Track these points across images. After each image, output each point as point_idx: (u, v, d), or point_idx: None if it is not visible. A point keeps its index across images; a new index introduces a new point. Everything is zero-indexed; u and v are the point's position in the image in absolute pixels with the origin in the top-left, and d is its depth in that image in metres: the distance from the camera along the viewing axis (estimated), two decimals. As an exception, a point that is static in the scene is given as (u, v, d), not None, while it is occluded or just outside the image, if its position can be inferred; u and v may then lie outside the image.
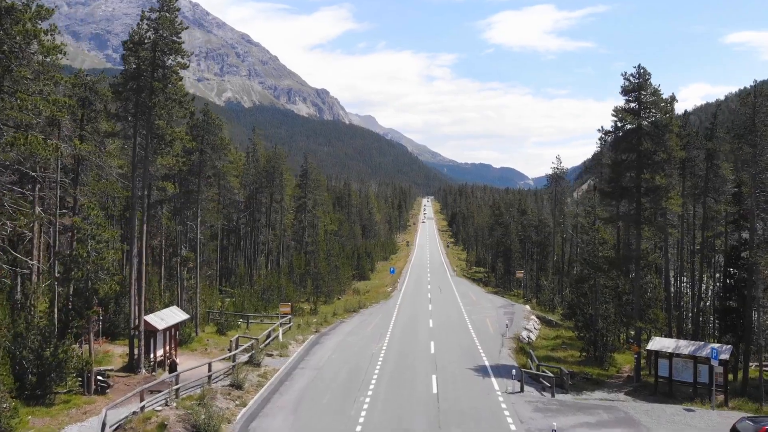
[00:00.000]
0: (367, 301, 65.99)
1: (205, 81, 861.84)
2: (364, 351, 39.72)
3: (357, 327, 49.98)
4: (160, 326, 32.36)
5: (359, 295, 74.46)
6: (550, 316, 64.71)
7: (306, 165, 78.41)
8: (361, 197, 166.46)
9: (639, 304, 37.83)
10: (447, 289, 79.21)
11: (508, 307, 63.76)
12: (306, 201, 79.30)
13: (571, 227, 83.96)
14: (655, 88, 37.94)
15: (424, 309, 59.85)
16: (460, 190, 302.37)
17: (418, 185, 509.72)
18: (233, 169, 68.93)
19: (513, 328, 49.72)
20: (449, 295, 72.35)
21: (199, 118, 41.19)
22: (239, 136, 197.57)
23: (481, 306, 63.49)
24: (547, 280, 75.95)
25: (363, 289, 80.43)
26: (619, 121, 38.12)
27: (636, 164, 37.22)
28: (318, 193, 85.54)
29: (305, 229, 79.80)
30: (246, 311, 51.13)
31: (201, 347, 39.57)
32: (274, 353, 38.94)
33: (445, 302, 65.04)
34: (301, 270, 70.30)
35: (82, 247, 26.31)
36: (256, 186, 72.09)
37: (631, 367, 42.80)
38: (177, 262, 41.05)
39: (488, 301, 69.28)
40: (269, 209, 71.04)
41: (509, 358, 39.31)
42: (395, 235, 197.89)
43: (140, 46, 30.97)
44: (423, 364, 36.15)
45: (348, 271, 80.00)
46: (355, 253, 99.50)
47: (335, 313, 56.12)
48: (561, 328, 57.99)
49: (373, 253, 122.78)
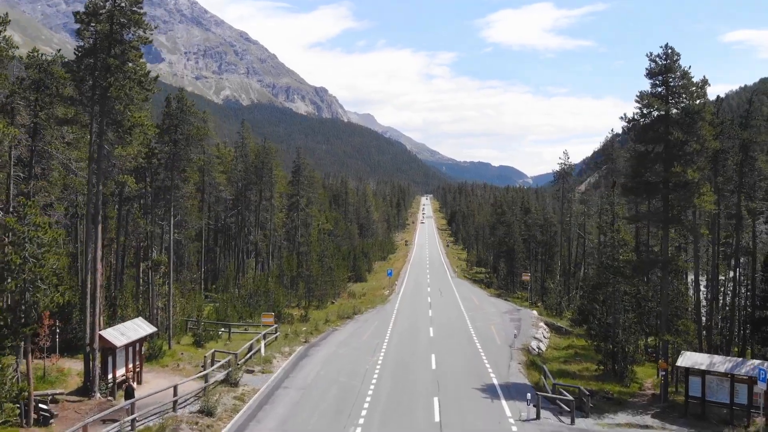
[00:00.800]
0: (363, 306, 61.66)
1: (203, 79, 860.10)
2: (357, 366, 35.45)
3: (351, 336, 45.68)
4: (119, 342, 28.03)
5: (355, 299, 70.15)
6: (559, 322, 60.45)
7: (298, 161, 74.09)
8: (359, 195, 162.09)
9: (666, 314, 33.55)
10: (448, 291, 74.93)
11: (514, 312, 59.45)
12: (299, 199, 74.97)
13: (578, 226, 79.74)
14: (684, 71, 33.62)
15: (423, 315, 55.58)
16: (459, 189, 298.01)
17: (417, 183, 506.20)
18: (219, 164, 64.63)
19: (521, 337, 45.45)
20: (450, 298, 68.07)
21: (173, 105, 36.79)
22: (237, 135, 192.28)
23: (485, 311, 59.20)
24: (554, 282, 71.62)
25: (359, 292, 76.12)
26: (644, 108, 33.79)
27: (663, 156, 32.92)
28: (311, 191, 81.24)
29: (297, 229, 75.48)
30: (229, 319, 46.80)
31: (174, 362, 35.25)
32: (255, 369, 34.65)
33: (446, 307, 60.76)
34: (292, 272, 66.00)
35: (17, 252, 21.97)
36: (245, 183, 67.73)
37: (653, 383, 38.58)
38: (148, 266, 36.66)
39: (492, 305, 64.98)
40: (258, 207, 66.66)
41: (520, 375, 35.04)
42: (394, 234, 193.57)
43: (95, 17, 26.58)
44: (423, 383, 31.86)
45: (343, 272, 75.67)
46: (351, 253, 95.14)
47: (328, 320, 51.81)
48: (571, 335, 53.75)
49: (370, 253, 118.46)
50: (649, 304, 38.26)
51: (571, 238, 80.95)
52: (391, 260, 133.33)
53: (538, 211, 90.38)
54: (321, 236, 70.25)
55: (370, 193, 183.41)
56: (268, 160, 65.00)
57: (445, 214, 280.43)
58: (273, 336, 42.95)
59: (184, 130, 36.09)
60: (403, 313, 56.85)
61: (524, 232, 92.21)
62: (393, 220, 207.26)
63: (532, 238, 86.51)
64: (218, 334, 42.99)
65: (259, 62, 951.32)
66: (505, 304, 66.23)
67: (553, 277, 73.88)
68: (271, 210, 66.80)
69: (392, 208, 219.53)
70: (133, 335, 29.66)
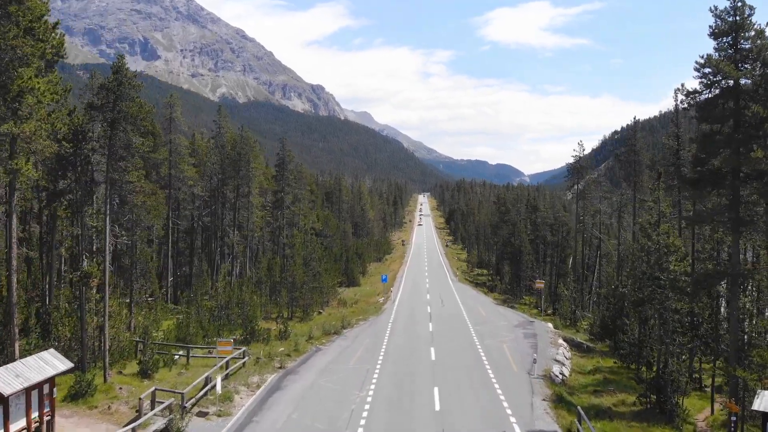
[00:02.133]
0: (354, 317, 54.15)
1: (199, 77, 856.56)
2: (340, 405, 27.94)
3: (336, 359, 38.11)
4: (8, 389, 20.48)
5: (345, 308, 62.61)
6: (578, 336, 53.07)
7: (283, 153, 66.46)
8: (354, 193, 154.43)
9: (736, 342, 26.13)
10: (449, 299, 67.39)
11: (527, 325, 51.92)
12: (283, 195, 67.36)
13: (593, 226, 72.35)
14: (760, 28, 26.20)
15: (423, 330, 48.08)
16: (458, 186, 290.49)
17: (414, 182, 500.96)
18: (192, 156, 57.01)
19: (540, 358, 37.87)
20: (453, 308, 60.55)
21: (108, 77, 29.16)
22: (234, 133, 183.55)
23: (494, 324, 51.66)
24: (568, 289, 64.15)
25: (351, 299, 68.57)
26: (708, 77, 26.36)
27: (737, 138, 25.49)
28: (298, 187, 73.67)
29: (282, 229, 67.92)
30: (192, 339, 39.20)
31: (106, 402, 27.65)
32: (210, 411, 27.13)
33: (449, 319, 53.23)
34: (274, 278, 58.29)
35: None
36: (222, 177, 60.04)
37: (707, 422, 31.28)
38: (76, 278, 29.04)
39: (500, 316, 57.46)
40: (236, 205, 58.96)
41: (547, 417, 27.53)
42: (390, 233, 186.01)
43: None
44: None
45: (333, 278, 68.03)
46: (344, 255, 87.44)
47: (311, 337, 44.26)
48: (594, 353, 46.40)
49: (364, 254, 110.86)
50: (704, 326, 30.85)
51: (584, 239, 73.53)
52: (387, 261, 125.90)
53: (548, 209, 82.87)
54: (308, 237, 62.63)
55: (365, 191, 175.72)
56: (246, 151, 57.22)
57: (443, 212, 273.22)
58: (241, 362, 35.42)
59: (124, 107, 28.47)
60: (399, 327, 49.38)
61: (531, 232, 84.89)
62: (390, 218, 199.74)
63: (541, 238, 79.12)
64: (174, 359, 35.39)
65: (256, 60, 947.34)
66: (514, 315, 58.71)
67: (567, 283, 66.40)
68: (249, 208, 59.06)
69: (389, 206, 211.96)
70: (35, 376, 22.06)
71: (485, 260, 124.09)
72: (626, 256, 57.05)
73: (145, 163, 54.36)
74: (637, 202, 59.87)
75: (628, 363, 42.09)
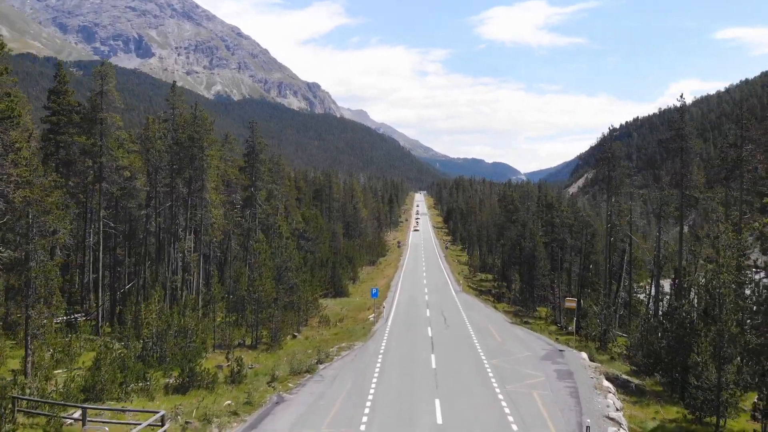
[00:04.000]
0: (336, 343, 43.07)
1: (194, 74, 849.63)
2: None
3: (303, 418, 26.83)
4: None
5: (327, 328, 51.55)
6: (617, 367, 42.21)
7: (253, 139, 55.30)
8: (345, 190, 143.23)
9: None
10: (454, 316, 56.28)
11: (556, 357, 40.61)
12: (255, 192, 56.22)
13: (624, 227, 61.51)
14: None
15: (423, 365, 36.76)
16: (456, 183, 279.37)
17: (410, 180, 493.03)
18: (132, 143, 45.86)
19: (586, 415, 26.80)
20: (459, 329, 49.41)
21: None
22: (229, 130, 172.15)
23: (514, 356, 40.35)
24: (597, 304, 53.14)
25: (336, 315, 57.50)
26: None
27: None
28: (274, 181, 62.53)
29: (254, 232, 56.80)
30: (105, 387, 28.04)
31: None
32: None
33: (455, 347, 41.96)
34: (241, 291, 47.08)
35: None
36: (177, 168, 48.76)
37: None
38: None
39: (518, 341, 46.21)
40: (188, 203, 47.56)
41: None
42: (385, 233, 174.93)
43: None
44: None
45: (314, 289, 56.86)
46: (330, 260, 76.10)
47: (274, 378, 33.12)
48: (648, 396, 35.58)
49: (356, 257, 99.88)
50: None
51: (610, 243, 62.49)
52: (381, 265, 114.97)
53: (566, 209, 71.76)
54: (282, 242, 51.45)
55: (357, 188, 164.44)
56: (199, 135, 45.76)
57: (440, 211, 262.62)
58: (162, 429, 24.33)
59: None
60: (392, 359, 38.14)
61: (546, 234, 73.99)
62: (385, 218, 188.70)
63: (559, 241, 68.13)
64: (60, 426, 24.24)
65: (251, 57, 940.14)
66: (535, 340, 47.45)
67: (592, 295, 55.45)
68: (201, 206, 47.52)
69: (384, 204, 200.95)
70: None
71: (488, 263, 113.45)
72: (694, 271, 46.05)
73: (68, 151, 43.22)
74: (686, 200, 49.04)
75: (701, 414, 31.34)
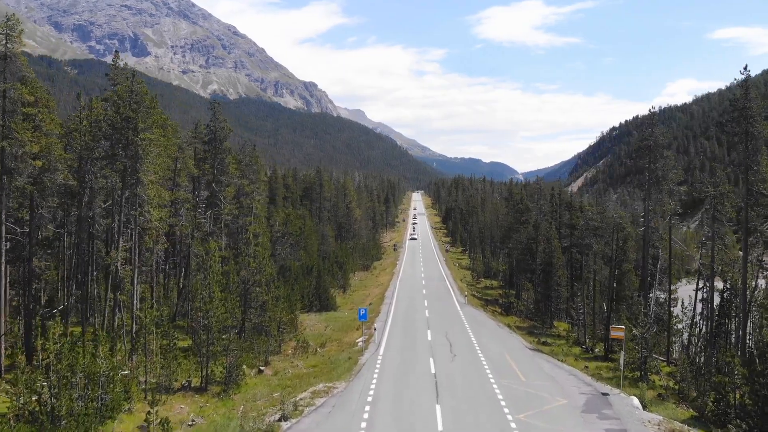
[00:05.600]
0: (310, 385, 32.67)
1: (190, 73, 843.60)
2: None
3: None
4: None
5: (305, 357, 41.19)
6: (677, 415, 32.00)
7: (215, 123, 44.96)
8: (337, 189, 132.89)
9: None
10: (461, 341, 45.67)
11: (600, 405, 30.02)
12: (220, 189, 45.91)
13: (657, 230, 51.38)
14: None
15: (426, 427, 26.40)
16: (455, 183, 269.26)
17: (407, 179, 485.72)
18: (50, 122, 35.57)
19: None
20: (470, 362, 38.68)
21: None
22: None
23: (544, 404, 29.86)
24: (636, 326, 42.87)
25: (317, 338, 47.22)
26: None
27: None
28: (245, 175, 52.23)
29: (217, 237, 46.40)
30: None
31: None
32: None
33: (468, 396, 30.94)
34: (195, 315, 36.86)
35: None
36: (106, 155, 38.24)
37: None
38: None
39: (547, 379, 35.62)
40: (122, 201, 37.02)
41: None
42: (381, 234, 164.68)
43: None
44: None
45: (291, 306, 46.48)
46: (315, 268, 65.65)
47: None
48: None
49: (347, 262, 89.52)
50: None
51: (644, 250, 52.23)
52: (375, 270, 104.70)
53: (590, 208, 61.46)
54: (249, 250, 41.09)
55: (351, 186, 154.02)
56: (137, 115, 34.67)
57: (438, 210, 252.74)
58: None
59: None
60: (383, 417, 27.49)
61: (564, 238, 63.89)
62: (380, 218, 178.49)
63: (583, 247, 57.91)
64: None
65: (248, 56, 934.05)
66: (568, 377, 36.83)
67: (633, 316, 45.19)
68: (136, 204, 36.85)
69: (380, 204, 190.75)
70: None
71: (493, 268, 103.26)
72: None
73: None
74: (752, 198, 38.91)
75: None
